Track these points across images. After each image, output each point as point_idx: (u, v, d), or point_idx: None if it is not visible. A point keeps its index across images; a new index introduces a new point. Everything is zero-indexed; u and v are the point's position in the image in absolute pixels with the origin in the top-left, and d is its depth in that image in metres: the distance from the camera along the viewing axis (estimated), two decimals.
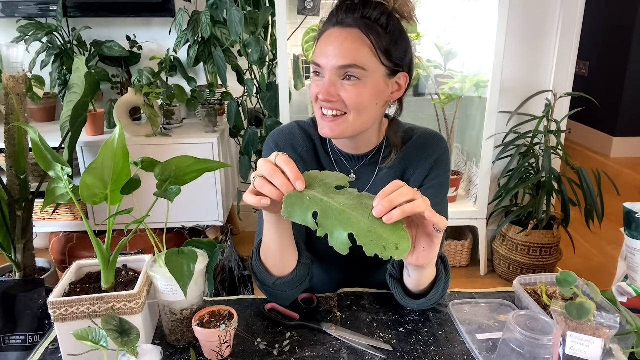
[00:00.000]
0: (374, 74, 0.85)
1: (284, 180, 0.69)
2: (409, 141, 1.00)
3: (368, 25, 0.84)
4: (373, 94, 0.86)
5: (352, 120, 0.87)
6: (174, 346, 0.86)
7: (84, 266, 0.89)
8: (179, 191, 0.84)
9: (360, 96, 0.85)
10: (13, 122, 1.64)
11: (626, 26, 3.90)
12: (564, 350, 0.75)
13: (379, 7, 0.85)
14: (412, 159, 0.99)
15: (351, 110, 0.86)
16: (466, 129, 2.61)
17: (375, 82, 0.86)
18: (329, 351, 0.84)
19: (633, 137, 4.12)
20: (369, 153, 0.99)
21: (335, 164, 1.01)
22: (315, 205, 0.67)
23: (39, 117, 2.47)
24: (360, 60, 0.83)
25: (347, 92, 0.85)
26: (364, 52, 0.84)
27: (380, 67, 0.86)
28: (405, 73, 0.91)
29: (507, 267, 2.40)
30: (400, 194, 0.69)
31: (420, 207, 0.69)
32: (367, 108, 0.87)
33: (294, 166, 0.70)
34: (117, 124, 0.77)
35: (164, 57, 2.28)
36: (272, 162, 0.71)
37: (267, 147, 1.05)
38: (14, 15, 2.28)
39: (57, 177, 0.85)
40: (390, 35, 0.85)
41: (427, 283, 0.88)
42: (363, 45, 0.84)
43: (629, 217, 1.06)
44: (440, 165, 0.99)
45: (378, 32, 0.84)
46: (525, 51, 2.38)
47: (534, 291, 0.95)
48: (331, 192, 0.69)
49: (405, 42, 0.89)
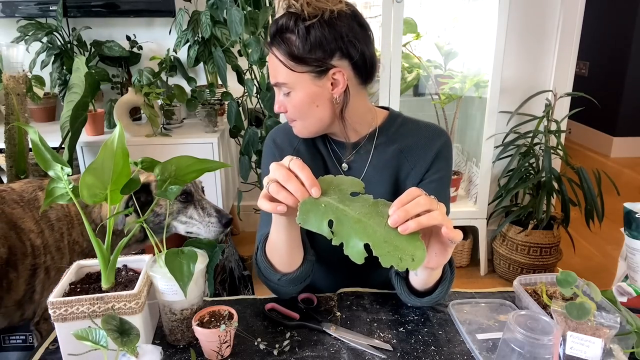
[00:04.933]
0: (299, 83, 0.88)
1: (299, 186, 0.69)
2: (408, 134, 1.00)
3: (277, 41, 0.87)
4: (307, 99, 0.90)
5: (302, 124, 0.95)
6: (174, 346, 0.86)
7: (84, 266, 0.89)
8: (178, 191, 0.84)
9: (295, 106, 0.91)
10: (13, 122, 1.65)
11: (626, 26, 3.90)
12: (564, 350, 0.75)
13: (288, 16, 0.86)
14: (411, 152, 0.99)
15: (295, 117, 0.94)
16: (466, 129, 2.61)
17: (305, 89, 0.89)
18: (329, 351, 0.84)
19: (633, 137, 4.12)
20: (359, 141, 1.01)
21: (331, 152, 1.04)
22: (331, 213, 0.67)
23: (39, 117, 2.47)
24: (280, 78, 0.89)
25: (288, 102, 0.92)
26: (280, 69, 0.88)
27: (301, 75, 0.88)
28: (339, 68, 0.88)
29: (507, 267, 2.40)
30: (417, 203, 0.68)
31: (437, 219, 0.68)
32: (307, 112, 0.92)
33: (309, 172, 0.69)
34: (117, 124, 0.77)
35: (164, 57, 2.28)
36: (286, 166, 0.70)
37: (266, 146, 1.07)
38: (14, 15, 2.28)
39: (57, 177, 0.85)
40: (304, 39, 0.85)
41: (433, 282, 0.88)
42: (278, 63, 0.88)
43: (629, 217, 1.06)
44: (442, 159, 0.98)
45: (289, 42, 0.86)
46: (525, 51, 2.38)
47: (534, 291, 0.95)
48: (347, 199, 0.68)
49: (332, 34, 0.85)
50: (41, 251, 1.15)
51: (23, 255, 1.12)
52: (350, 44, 0.87)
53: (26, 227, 1.13)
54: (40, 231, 1.15)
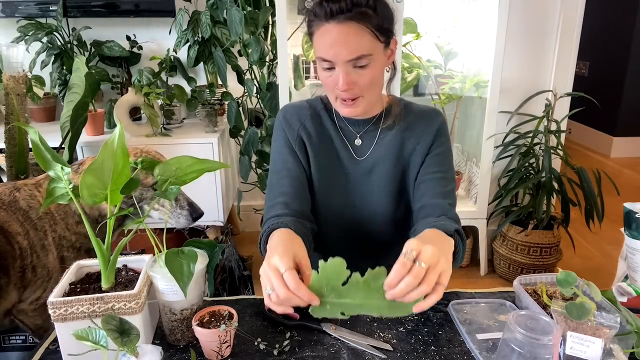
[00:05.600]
0: (378, 54, 0.93)
1: (301, 300, 0.71)
2: (410, 114, 1.07)
3: (361, 13, 0.89)
4: (380, 69, 0.97)
5: (368, 98, 0.98)
6: (174, 346, 0.86)
7: (84, 266, 0.89)
8: (178, 191, 0.84)
9: (372, 77, 0.94)
10: (13, 122, 1.65)
11: (626, 26, 3.90)
12: (564, 350, 0.75)
13: None
14: (413, 130, 1.06)
15: (367, 90, 0.96)
16: (466, 129, 2.61)
17: (380, 59, 0.95)
18: (329, 351, 0.84)
19: (633, 137, 4.12)
20: (372, 118, 1.07)
21: (340, 130, 1.09)
22: (337, 309, 0.73)
23: (39, 117, 2.47)
24: (365, 50, 0.91)
25: (362, 77, 0.93)
26: (366, 41, 0.90)
27: (380, 45, 0.93)
28: (394, 37, 0.97)
29: (507, 267, 2.40)
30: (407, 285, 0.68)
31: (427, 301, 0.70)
32: (378, 82, 0.97)
33: (304, 288, 0.71)
34: (117, 124, 0.77)
35: (164, 57, 2.28)
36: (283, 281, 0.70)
37: (277, 121, 1.12)
38: (14, 15, 2.28)
39: (57, 177, 0.85)
40: (379, 12, 0.91)
41: None
42: (364, 35, 0.90)
43: (629, 217, 1.06)
44: (443, 134, 1.06)
45: (370, 16, 0.90)
46: (525, 51, 2.38)
47: (534, 291, 0.95)
48: (342, 292, 0.72)
49: (389, 9, 0.95)
50: (28, 252, 1.14)
51: (13, 259, 1.11)
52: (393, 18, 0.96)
53: (13, 230, 1.12)
54: (25, 232, 1.14)
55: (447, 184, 1.02)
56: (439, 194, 1.00)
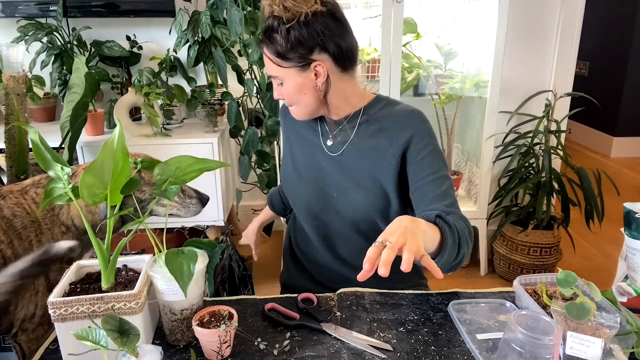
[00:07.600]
0: (287, 75, 1.01)
1: None
2: (388, 115, 1.09)
3: (266, 41, 1.00)
4: (296, 89, 1.03)
5: (296, 109, 1.08)
6: (174, 346, 0.86)
7: (84, 266, 0.89)
8: (177, 190, 0.84)
9: (287, 95, 1.05)
10: (13, 122, 1.65)
11: (626, 26, 3.90)
12: (564, 350, 0.75)
13: (272, 18, 0.97)
14: (388, 131, 1.07)
15: (294, 102, 1.07)
16: (466, 129, 2.61)
17: (292, 80, 1.01)
18: (329, 351, 0.84)
19: (633, 137, 4.12)
20: (344, 119, 1.12)
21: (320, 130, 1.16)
22: None
23: (39, 117, 2.47)
24: (272, 71, 1.02)
25: (284, 91, 1.05)
26: (271, 64, 1.01)
27: (288, 69, 1.00)
28: (319, 61, 0.99)
29: (507, 267, 2.40)
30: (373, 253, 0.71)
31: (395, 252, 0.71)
32: (298, 99, 1.05)
33: None
34: (117, 124, 0.77)
35: (164, 57, 2.27)
36: None
37: (279, 116, 1.28)
38: (14, 15, 2.28)
39: (56, 177, 0.85)
40: (285, 39, 0.96)
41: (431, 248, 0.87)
42: (270, 58, 1.01)
43: (629, 217, 1.05)
44: (423, 135, 1.05)
45: (275, 41, 0.98)
46: (525, 51, 2.38)
47: (534, 291, 0.95)
48: None
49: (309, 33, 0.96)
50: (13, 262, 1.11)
51: None
52: (326, 39, 0.97)
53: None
54: (9, 241, 1.09)
55: (441, 184, 1.01)
56: (434, 198, 0.99)
